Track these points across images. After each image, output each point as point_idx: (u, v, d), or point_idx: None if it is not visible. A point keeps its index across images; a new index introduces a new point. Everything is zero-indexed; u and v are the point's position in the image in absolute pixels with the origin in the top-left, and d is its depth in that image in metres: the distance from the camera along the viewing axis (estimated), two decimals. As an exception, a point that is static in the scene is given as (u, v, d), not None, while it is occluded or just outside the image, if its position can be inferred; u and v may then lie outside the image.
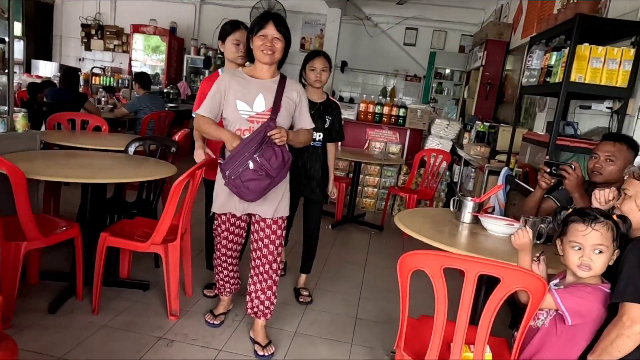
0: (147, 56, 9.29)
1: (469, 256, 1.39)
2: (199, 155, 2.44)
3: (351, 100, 8.51)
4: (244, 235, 2.43)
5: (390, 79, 9.13)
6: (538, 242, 1.98)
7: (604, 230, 1.50)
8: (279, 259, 2.33)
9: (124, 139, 3.33)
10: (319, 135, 2.83)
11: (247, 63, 2.56)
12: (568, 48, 2.71)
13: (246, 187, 2.05)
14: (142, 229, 2.59)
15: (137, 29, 9.12)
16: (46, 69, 8.54)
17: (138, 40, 9.23)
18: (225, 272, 2.47)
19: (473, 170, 4.73)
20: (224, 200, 2.25)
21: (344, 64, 9.09)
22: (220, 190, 2.24)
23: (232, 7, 9.24)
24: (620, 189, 2.05)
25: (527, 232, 1.58)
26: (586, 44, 2.65)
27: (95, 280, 2.42)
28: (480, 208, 2.27)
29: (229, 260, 2.44)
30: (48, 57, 10.07)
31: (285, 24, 2.16)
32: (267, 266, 2.28)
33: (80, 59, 10.03)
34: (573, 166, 2.08)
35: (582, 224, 1.51)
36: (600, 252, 1.50)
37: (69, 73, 5.02)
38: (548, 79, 3.01)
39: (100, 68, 8.63)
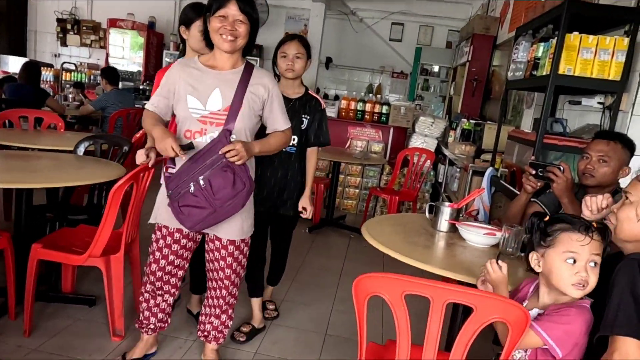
0: (134, 53, 8.89)
1: (434, 282, 1.13)
2: (139, 157, 2.09)
3: (336, 98, 8.25)
4: (190, 257, 2.01)
5: (376, 75, 8.89)
6: (522, 254, 1.75)
7: (600, 240, 1.27)
8: (238, 280, 2.00)
9: (77, 138, 3.04)
10: (294, 139, 2.35)
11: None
12: (556, 38, 2.48)
13: (182, 212, 1.73)
14: (83, 238, 2.31)
15: (113, 23, 8.78)
16: (17, 65, 8.17)
17: (117, 36, 8.87)
18: (153, 301, 1.99)
19: (458, 170, 4.50)
20: (168, 212, 1.81)
21: (328, 60, 8.83)
22: (165, 198, 1.84)
23: (213, 1, 8.94)
24: (613, 193, 1.82)
25: (500, 266, 1.33)
26: (576, 33, 2.41)
27: (27, 297, 2.14)
28: (458, 214, 2.02)
29: (165, 287, 1.96)
30: (23, 53, 9.70)
31: (251, 2, 1.78)
32: (223, 291, 1.97)
33: (55, 55, 9.66)
34: (562, 168, 1.84)
35: (578, 232, 1.26)
36: (596, 264, 1.26)
37: (29, 67, 4.71)
38: (535, 72, 2.77)
39: (72, 64, 8.28)
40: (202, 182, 1.68)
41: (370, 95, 5.83)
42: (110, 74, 5.16)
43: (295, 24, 8.90)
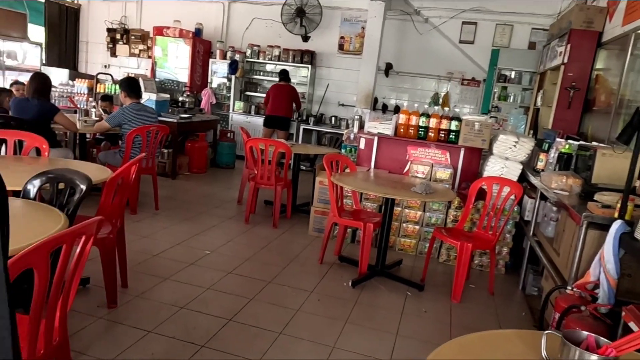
0: (180, 62, 8.33)
1: None
2: None
3: (397, 109, 7.24)
4: None
5: (443, 83, 7.76)
6: None
7: None
8: None
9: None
10: None
11: None
12: None
13: None
14: None
15: (159, 31, 8.33)
16: (60, 77, 7.90)
17: (162, 44, 8.37)
18: None
19: (555, 209, 3.35)
20: None
21: (388, 66, 7.84)
22: None
23: (263, 5, 8.25)
24: None
25: None
26: None
27: None
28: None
29: None
30: (74, 64, 9.54)
31: None
32: None
33: (106, 66, 9.41)
34: None
35: None
36: None
37: (36, 79, 4.11)
38: None
39: (108, 74, 7.86)
40: None
41: (437, 107, 4.76)
42: (130, 85, 4.47)
43: (351, 26, 8.01)
